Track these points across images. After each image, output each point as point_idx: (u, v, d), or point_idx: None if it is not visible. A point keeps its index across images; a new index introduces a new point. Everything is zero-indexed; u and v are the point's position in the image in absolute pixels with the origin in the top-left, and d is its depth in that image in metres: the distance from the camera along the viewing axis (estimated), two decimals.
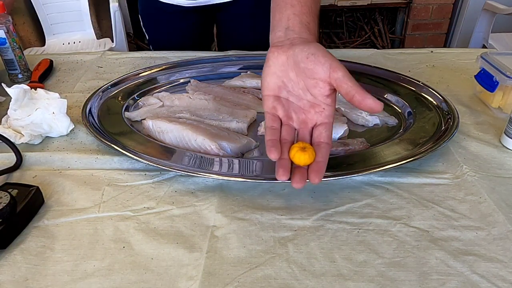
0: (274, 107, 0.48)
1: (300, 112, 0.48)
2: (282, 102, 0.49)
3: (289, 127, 0.48)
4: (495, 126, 0.67)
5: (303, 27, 0.50)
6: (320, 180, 0.43)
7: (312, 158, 0.44)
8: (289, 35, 0.49)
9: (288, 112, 0.48)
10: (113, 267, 0.44)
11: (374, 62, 0.87)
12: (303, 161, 0.44)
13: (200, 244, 0.47)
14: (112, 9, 1.87)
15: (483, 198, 0.52)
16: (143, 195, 0.54)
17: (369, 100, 0.43)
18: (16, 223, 0.48)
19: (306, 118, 0.48)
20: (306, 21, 0.50)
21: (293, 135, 0.48)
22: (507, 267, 0.43)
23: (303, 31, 0.50)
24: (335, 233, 0.48)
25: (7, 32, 0.81)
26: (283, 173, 0.43)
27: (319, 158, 0.44)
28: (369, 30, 2.69)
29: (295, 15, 0.50)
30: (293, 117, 0.48)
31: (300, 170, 0.44)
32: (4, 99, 0.75)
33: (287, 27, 0.50)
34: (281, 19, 0.51)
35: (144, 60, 0.94)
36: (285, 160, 0.44)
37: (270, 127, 0.47)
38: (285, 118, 0.48)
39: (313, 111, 0.47)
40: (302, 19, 0.50)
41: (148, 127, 0.64)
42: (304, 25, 0.50)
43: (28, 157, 0.61)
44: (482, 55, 0.73)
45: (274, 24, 0.52)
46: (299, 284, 0.42)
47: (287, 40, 0.49)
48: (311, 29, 0.50)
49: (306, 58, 0.45)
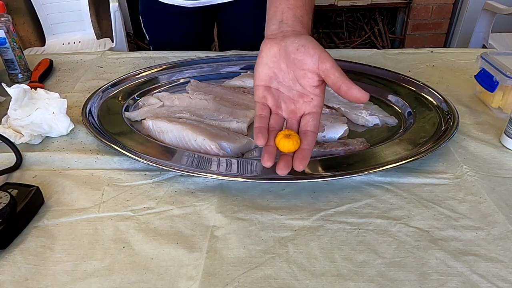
0: (264, 97, 0.50)
1: (289, 102, 0.49)
2: (273, 92, 0.50)
3: (277, 116, 0.50)
4: (495, 126, 0.67)
5: (296, 20, 0.51)
6: (304, 167, 0.44)
7: (297, 146, 0.45)
8: (282, 28, 0.50)
9: (278, 101, 0.50)
10: (113, 267, 0.44)
11: (374, 62, 0.87)
12: (287, 147, 0.45)
13: (200, 244, 0.47)
14: (112, 9, 1.87)
15: (483, 198, 0.52)
16: (143, 195, 0.54)
17: (355, 90, 0.44)
18: (16, 223, 0.48)
19: (295, 108, 0.49)
20: (300, 14, 0.52)
21: (281, 124, 0.49)
22: (507, 267, 0.43)
23: (296, 24, 0.51)
24: (335, 233, 0.48)
25: (7, 32, 0.81)
26: (268, 159, 0.44)
27: (304, 146, 0.46)
28: (369, 30, 2.69)
29: (289, 8, 0.51)
30: (282, 107, 0.50)
31: (285, 157, 0.45)
32: (4, 99, 0.75)
33: (281, 20, 0.51)
34: (276, 12, 0.52)
35: (144, 60, 0.94)
36: (271, 146, 0.46)
37: (258, 115, 0.49)
38: (274, 107, 0.50)
39: (302, 100, 0.49)
40: (296, 12, 0.51)
41: (148, 127, 0.64)
42: (297, 18, 0.51)
43: (28, 157, 0.61)
44: (482, 55, 0.73)
45: (269, 18, 0.53)
46: (299, 284, 0.42)
47: (280, 33, 0.50)
48: (304, 22, 0.52)
49: (296, 49, 0.47)
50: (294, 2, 0.52)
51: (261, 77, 0.50)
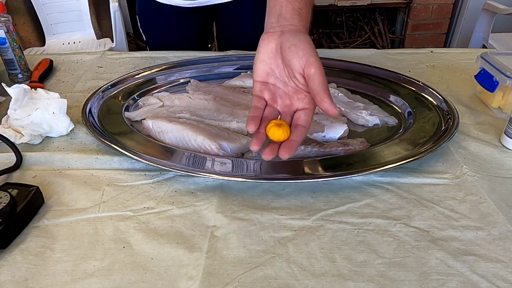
0: (261, 91, 0.51)
1: (285, 97, 0.51)
2: (270, 87, 0.52)
3: (272, 108, 0.51)
4: (495, 126, 0.67)
5: (295, 13, 0.52)
6: (290, 156, 0.45)
7: (286, 135, 0.47)
8: (280, 22, 0.52)
9: (274, 96, 0.52)
10: (113, 267, 0.44)
11: (374, 62, 0.87)
12: (277, 136, 0.46)
13: (200, 244, 0.47)
14: (112, 9, 1.87)
15: (483, 198, 0.52)
16: (143, 195, 0.54)
17: (326, 104, 0.46)
18: (16, 223, 0.48)
19: (290, 104, 0.51)
20: (298, 7, 0.52)
21: (275, 116, 0.51)
22: (507, 267, 0.43)
23: (294, 17, 0.52)
24: (335, 233, 0.48)
25: (7, 32, 0.81)
26: (256, 143, 0.46)
27: (293, 137, 0.47)
28: (369, 30, 2.69)
29: (287, 1, 0.52)
30: (278, 101, 0.51)
31: (273, 144, 0.47)
32: (4, 99, 0.75)
33: (280, 13, 0.52)
34: (275, 5, 0.53)
35: (144, 60, 0.94)
36: (261, 133, 0.47)
37: (254, 106, 0.50)
38: (270, 101, 0.51)
39: (296, 97, 0.50)
40: (295, 5, 0.52)
41: (148, 127, 0.64)
42: (296, 11, 0.52)
43: (28, 157, 0.61)
44: (482, 55, 0.73)
45: (268, 11, 0.54)
46: (299, 284, 0.42)
47: (278, 27, 0.51)
48: (302, 14, 0.52)
49: (288, 48, 0.48)
50: None
51: (259, 73, 0.52)
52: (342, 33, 2.74)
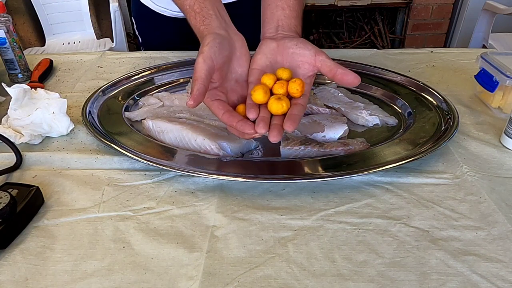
0: (258, 79, 0.54)
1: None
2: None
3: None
4: (495, 126, 0.67)
5: (291, 29, 0.59)
6: (294, 129, 0.47)
7: (286, 108, 0.49)
8: (279, 31, 0.58)
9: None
10: (113, 267, 0.44)
11: (374, 62, 0.87)
12: (278, 109, 0.49)
13: (200, 244, 0.47)
14: (112, 9, 1.87)
15: (483, 198, 0.52)
16: (143, 195, 0.54)
17: (350, 75, 0.51)
18: (16, 223, 0.48)
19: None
20: (294, 24, 0.60)
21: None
22: (507, 267, 0.43)
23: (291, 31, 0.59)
24: (335, 233, 0.48)
25: (7, 32, 0.81)
26: (263, 126, 0.47)
27: (294, 111, 0.49)
28: (369, 30, 2.69)
29: (285, 17, 0.59)
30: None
31: (277, 126, 0.48)
32: (4, 99, 0.75)
33: (277, 26, 0.59)
34: (272, 18, 0.60)
35: (144, 60, 0.94)
36: (265, 117, 0.49)
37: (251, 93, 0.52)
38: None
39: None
40: (291, 22, 0.59)
41: (148, 127, 0.64)
42: (292, 27, 0.59)
43: (28, 157, 0.61)
44: (482, 55, 0.73)
45: (265, 20, 0.61)
46: (299, 284, 0.42)
47: (277, 34, 0.58)
48: (298, 31, 0.60)
49: (295, 45, 0.55)
50: (289, 13, 0.59)
51: (257, 63, 0.55)
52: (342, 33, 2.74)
